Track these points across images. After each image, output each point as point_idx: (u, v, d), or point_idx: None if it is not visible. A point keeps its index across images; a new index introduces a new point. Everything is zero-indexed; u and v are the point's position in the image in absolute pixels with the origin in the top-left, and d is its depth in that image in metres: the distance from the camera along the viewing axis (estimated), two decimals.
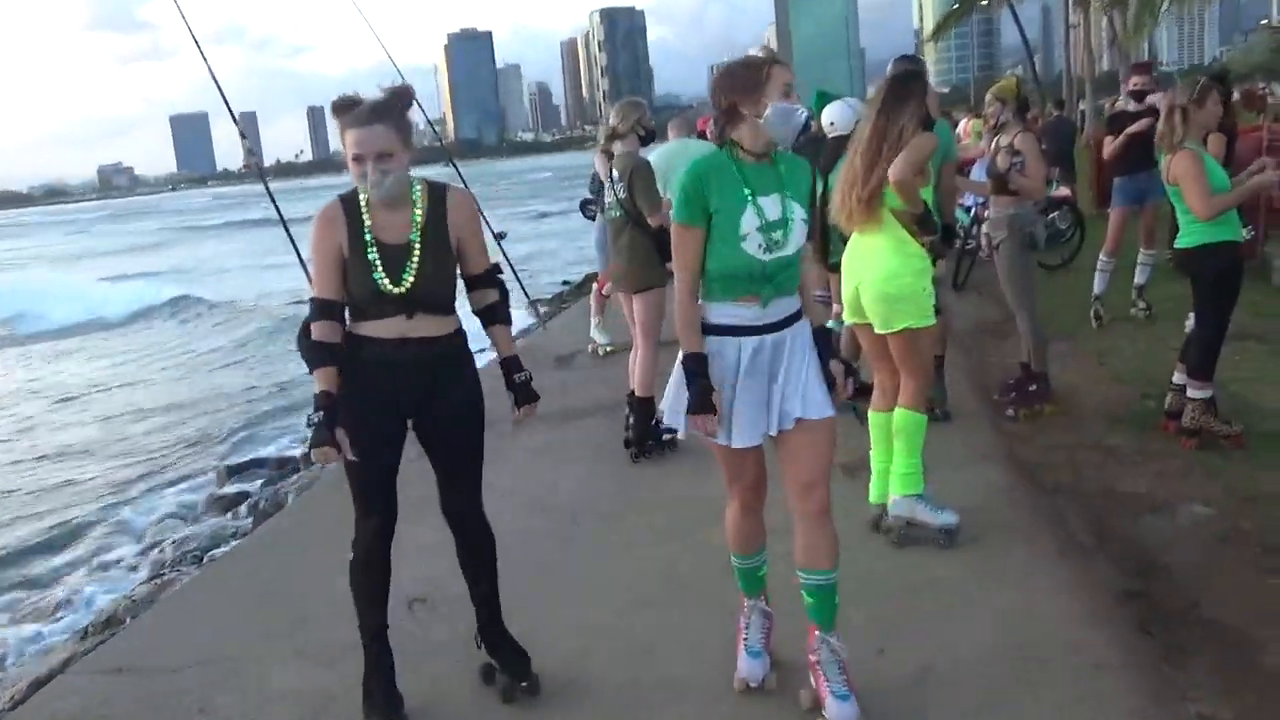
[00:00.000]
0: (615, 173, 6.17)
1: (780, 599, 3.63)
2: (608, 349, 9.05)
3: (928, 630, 3.81)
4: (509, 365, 3.68)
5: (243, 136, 6.66)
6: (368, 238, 3.30)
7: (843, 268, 4.70)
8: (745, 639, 3.56)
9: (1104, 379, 7.10)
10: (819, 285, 7.67)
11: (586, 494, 5.63)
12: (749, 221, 3.15)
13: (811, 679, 3.39)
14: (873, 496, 4.86)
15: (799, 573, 3.34)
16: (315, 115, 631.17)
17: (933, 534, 4.55)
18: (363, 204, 3.33)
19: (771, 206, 3.18)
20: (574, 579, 4.58)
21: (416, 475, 3.70)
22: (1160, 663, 3.59)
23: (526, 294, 10.72)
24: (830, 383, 3.34)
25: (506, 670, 3.69)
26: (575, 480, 5.88)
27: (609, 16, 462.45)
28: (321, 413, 3.26)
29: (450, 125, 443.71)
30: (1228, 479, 5.13)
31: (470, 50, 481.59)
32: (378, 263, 3.30)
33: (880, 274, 4.46)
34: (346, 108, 3.26)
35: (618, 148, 6.21)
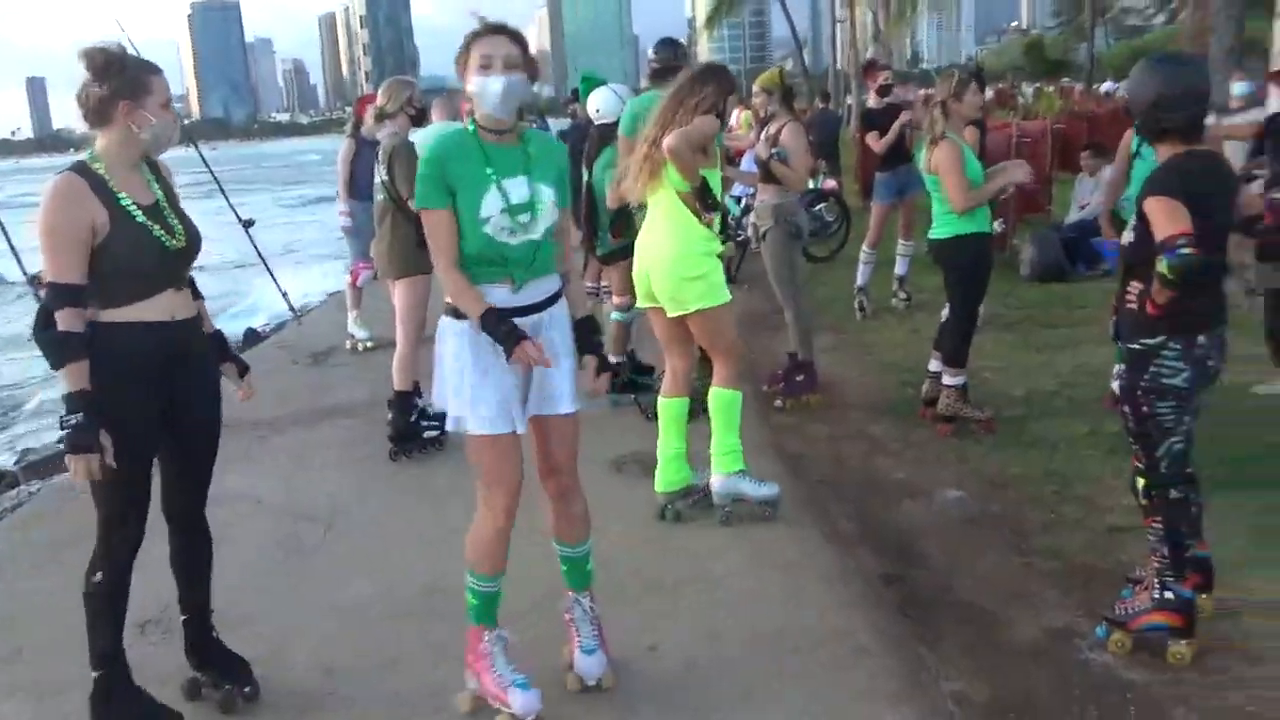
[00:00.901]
0: (383, 154, 6.02)
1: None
2: (368, 344, 8.82)
3: (696, 624, 3.92)
4: (221, 339, 3.65)
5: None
6: (125, 202, 3.17)
7: (635, 254, 4.89)
8: (498, 673, 3.37)
9: (868, 368, 7.50)
10: (589, 278, 7.75)
11: (345, 498, 5.46)
12: (491, 204, 3.15)
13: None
14: (660, 484, 4.98)
15: (554, 543, 3.58)
16: (35, 87, 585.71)
17: (755, 508, 4.83)
18: (102, 170, 3.17)
19: (517, 188, 3.19)
20: (328, 588, 4.43)
21: None
22: (918, 645, 3.81)
23: (279, 285, 10.31)
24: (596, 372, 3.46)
25: (225, 679, 3.56)
26: (333, 484, 5.69)
27: None
28: (80, 414, 3.04)
29: (195, 102, 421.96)
30: (979, 464, 5.51)
31: (215, 22, 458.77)
32: (150, 223, 3.19)
33: (670, 256, 4.67)
34: None
35: (386, 128, 6.05)
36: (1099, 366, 6.60)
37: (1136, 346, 3.48)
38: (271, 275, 10.25)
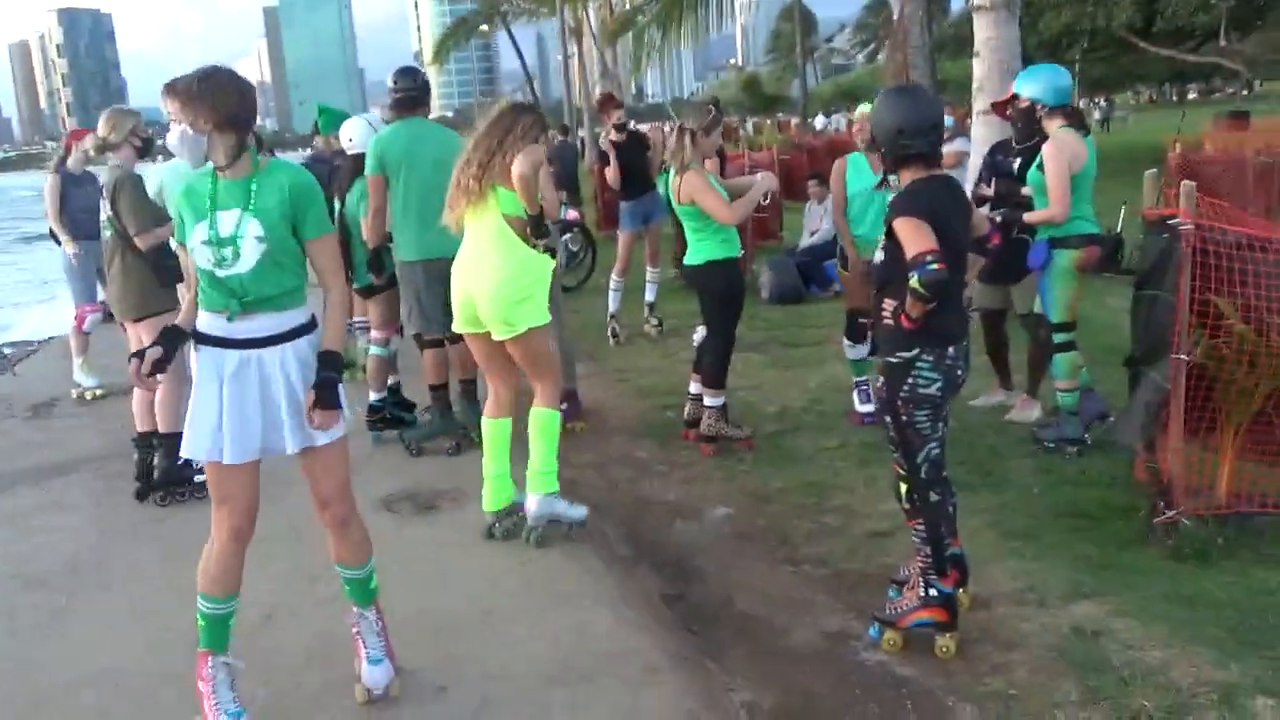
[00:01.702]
0: (106, 189, 5.61)
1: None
2: (97, 392, 8.18)
3: (486, 661, 3.83)
4: None
5: None
6: None
7: (454, 275, 4.88)
8: (217, 701, 3.37)
9: (627, 394, 7.61)
10: (357, 312, 7.50)
11: (88, 558, 5.02)
12: (198, 234, 3.28)
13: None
14: (489, 504, 4.98)
15: (336, 567, 3.65)
16: None
17: (563, 529, 4.89)
18: None
19: (226, 222, 3.27)
20: (76, 658, 4.05)
21: None
22: (705, 659, 3.88)
23: None
24: (317, 406, 3.29)
25: None
26: (68, 544, 5.22)
27: (69, 17, 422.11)
28: None
29: None
30: (742, 480, 5.69)
31: None
32: None
33: (500, 280, 4.68)
34: None
35: (110, 160, 5.65)
36: (841, 383, 6.99)
37: (894, 360, 3.69)
38: None
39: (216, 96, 3.23)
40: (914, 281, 3.45)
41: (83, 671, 3.93)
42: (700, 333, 8.18)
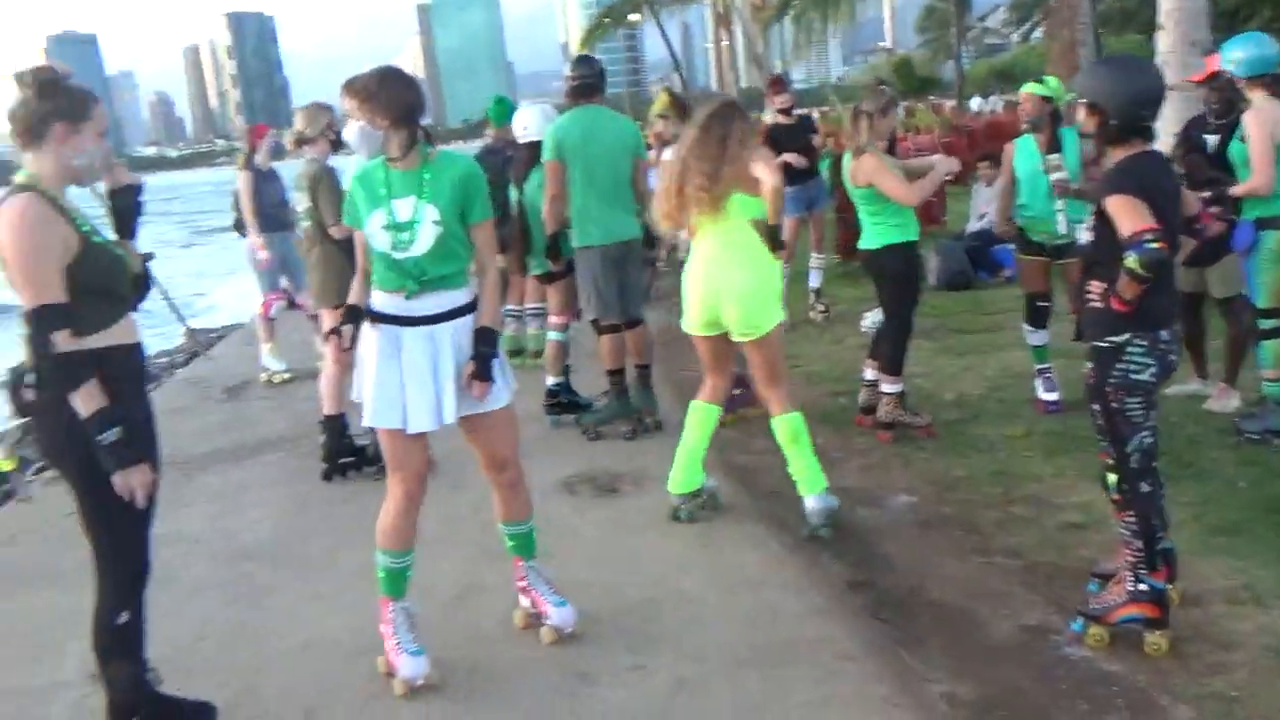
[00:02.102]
0: (303, 180, 5.84)
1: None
2: (284, 375, 8.56)
3: (680, 642, 3.86)
4: None
5: None
6: (83, 224, 3.04)
7: (695, 279, 4.86)
8: (400, 643, 3.69)
9: (796, 380, 7.52)
10: (512, 300, 7.64)
11: (286, 534, 5.26)
12: (376, 221, 3.55)
13: (524, 600, 4.01)
14: (678, 487, 5.02)
15: (502, 526, 3.97)
16: None
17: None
18: (50, 191, 3.02)
19: (404, 209, 3.54)
20: (288, 627, 4.24)
21: None
22: (898, 648, 3.82)
23: (182, 319, 9.95)
24: (475, 378, 3.58)
25: None
26: (271, 520, 5.48)
27: (237, 21, 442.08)
28: (115, 429, 2.90)
29: None
30: (923, 468, 5.58)
31: (73, 55, 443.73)
32: (113, 245, 3.14)
33: (751, 285, 4.74)
34: None
35: (305, 154, 5.87)
36: (1022, 369, 6.77)
37: (1103, 344, 3.55)
38: (175, 310, 9.86)
39: (392, 95, 3.52)
40: (1131, 261, 3.31)
41: (294, 640, 4.12)
42: (870, 318, 8.09)
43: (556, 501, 5.38)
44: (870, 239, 5.94)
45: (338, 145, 6.04)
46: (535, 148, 6.59)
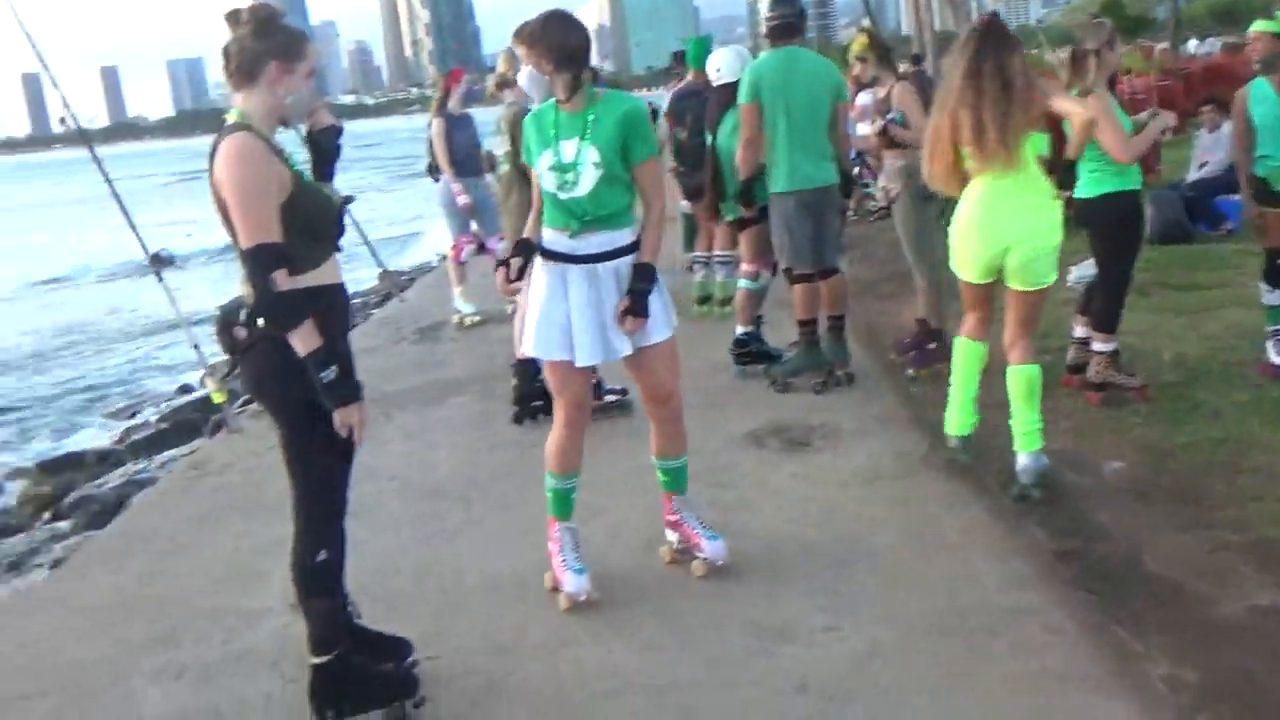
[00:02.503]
0: (503, 124, 5.86)
1: None
2: (475, 318, 8.72)
3: (872, 602, 3.73)
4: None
5: (66, 105, 6.02)
6: (296, 163, 3.07)
7: (977, 225, 4.54)
8: (564, 560, 3.89)
9: (997, 334, 7.17)
10: (701, 246, 7.51)
11: (478, 474, 5.34)
12: (544, 161, 3.71)
13: (671, 536, 4.12)
14: (955, 428, 4.83)
15: (656, 460, 4.07)
16: (109, 76, 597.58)
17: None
18: (261, 130, 3.04)
19: (568, 150, 3.68)
20: (480, 565, 4.31)
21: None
22: (1113, 625, 3.58)
23: (380, 261, 10.23)
24: (629, 314, 3.72)
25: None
26: (463, 460, 5.58)
27: None
28: (334, 368, 2.95)
29: None
30: (1138, 433, 5.22)
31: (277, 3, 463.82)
32: (320, 184, 3.14)
33: (1045, 229, 4.47)
34: None
35: (505, 97, 5.89)
36: (1248, 329, 6.27)
37: None
38: (374, 253, 10.14)
39: (554, 39, 3.66)
40: None
41: (484, 578, 4.17)
42: (1077, 271, 7.63)
43: (744, 453, 5.29)
44: (1088, 186, 5.55)
45: None
46: (728, 91, 6.44)
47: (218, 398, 6.29)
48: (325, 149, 3.25)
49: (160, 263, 5.40)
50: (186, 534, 4.90)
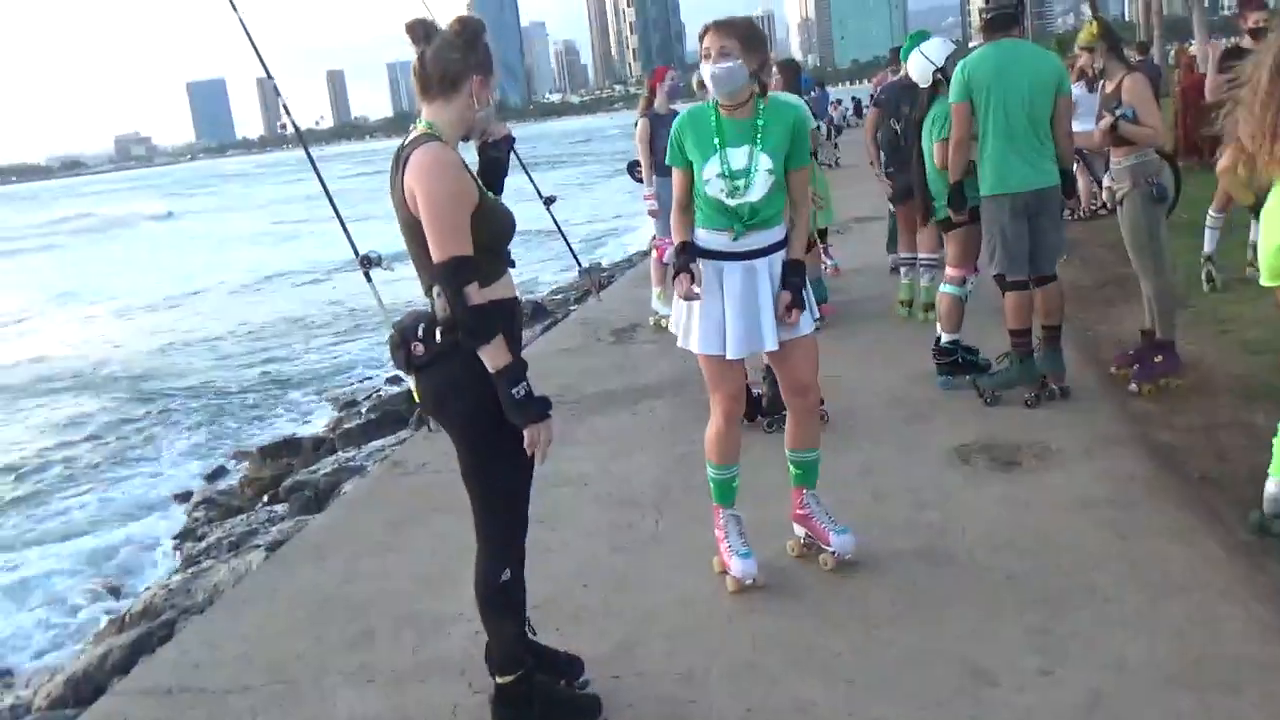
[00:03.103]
0: None
1: None
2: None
3: (1093, 646, 3.41)
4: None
5: (286, 110, 6.26)
6: (480, 182, 3.04)
7: (1266, 224, 4.02)
8: (729, 544, 4.05)
9: (1230, 348, 6.62)
10: (903, 248, 7.18)
11: (671, 484, 5.21)
12: (711, 169, 3.75)
13: (799, 530, 4.23)
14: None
15: (790, 453, 4.17)
16: (335, 80, 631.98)
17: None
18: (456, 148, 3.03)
19: (738, 157, 3.75)
20: (669, 581, 4.19)
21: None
22: None
23: (578, 260, 10.30)
24: (791, 307, 3.84)
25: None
26: (655, 468, 5.47)
27: None
28: (525, 383, 2.92)
29: None
30: None
31: (493, 7, 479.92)
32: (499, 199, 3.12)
33: None
34: None
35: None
36: None
37: None
38: (573, 252, 10.21)
39: (757, 42, 3.78)
40: None
41: (675, 594, 4.06)
42: None
43: (949, 471, 5.00)
44: None
45: (761, 90, 5.82)
46: (925, 92, 6.15)
47: (418, 396, 6.39)
48: (498, 160, 3.20)
49: (369, 263, 5.52)
50: (385, 533, 4.98)
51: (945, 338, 6.27)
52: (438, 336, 2.94)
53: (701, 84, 5.92)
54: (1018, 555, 4.08)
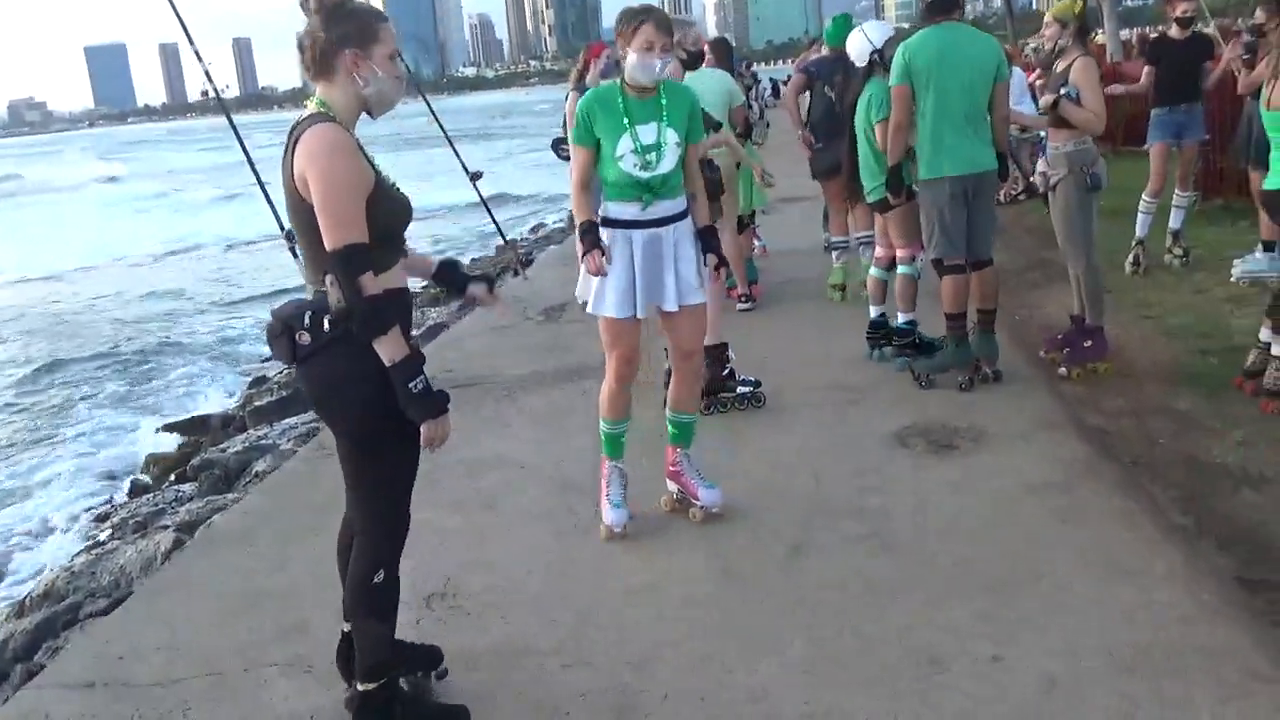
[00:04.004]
0: None
1: None
2: None
3: (1044, 632, 3.41)
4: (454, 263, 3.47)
5: (208, 77, 5.97)
6: (376, 161, 2.87)
7: None
8: (609, 494, 4.34)
9: (1153, 333, 6.73)
10: (862, 227, 7.18)
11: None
12: (625, 145, 4.00)
13: (672, 486, 4.51)
14: None
15: (669, 414, 4.46)
16: (242, 47, 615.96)
17: None
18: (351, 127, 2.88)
19: (647, 133, 4.02)
20: (614, 569, 4.11)
21: None
22: None
23: (503, 235, 10.13)
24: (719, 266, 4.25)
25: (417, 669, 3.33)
26: (593, 451, 5.28)
27: None
28: (423, 378, 2.78)
29: None
30: None
31: None
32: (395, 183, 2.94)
33: None
34: None
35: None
36: None
37: None
38: (498, 227, 10.04)
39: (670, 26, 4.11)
40: None
41: (624, 583, 3.97)
42: (1241, 266, 7.07)
43: (891, 453, 4.99)
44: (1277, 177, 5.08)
45: (693, 64, 5.69)
46: (869, 67, 6.13)
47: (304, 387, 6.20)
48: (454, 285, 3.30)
49: (293, 238, 5.30)
50: (313, 517, 4.78)
51: (903, 318, 6.24)
52: (327, 326, 2.78)
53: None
54: (964, 540, 4.08)
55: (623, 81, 4.08)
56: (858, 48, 6.29)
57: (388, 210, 2.82)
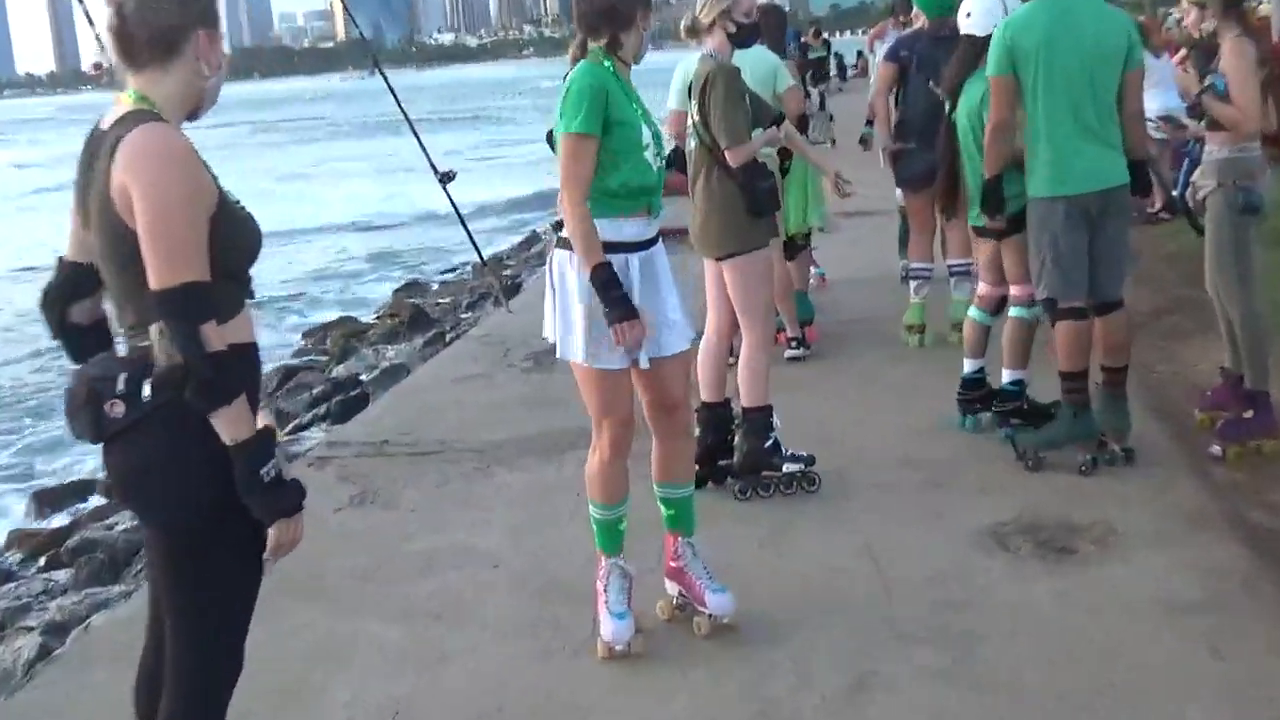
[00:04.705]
0: (693, 86, 5.64)
1: None
2: None
3: None
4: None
5: (100, 45, 6.04)
6: (215, 175, 2.82)
7: None
8: (607, 601, 4.30)
9: None
10: (957, 254, 7.18)
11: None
12: (647, 133, 4.12)
13: (671, 588, 4.53)
14: None
15: (658, 488, 4.47)
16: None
17: None
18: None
19: (650, 121, 4.21)
20: (623, 705, 4.08)
21: None
22: None
23: (481, 256, 10.17)
24: None
25: None
26: (588, 542, 5.25)
27: None
28: (275, 462, 2.71)
29: (338, 24, 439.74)
30: None
31: None
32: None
33: None
34: None
35: (702, 47, 5.63)
36: None
37: None
38: (475, 245, 10.08)
39: None
40: None
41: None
42: None
43: (981, 559, 4.96)
44: None
45: (744, 38, 5.66)
46: (973, 42, 6.14)
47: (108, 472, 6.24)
48: None
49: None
50: None
51: (1008, 376, 6.21)
52: (148, 392, 2.70)
53: (690, 30, 5.79)
54: (1078, 677, 4.05)
55: (615, 59, 4.18)
56: (986, 13, 6.22)
57: (233, 237, 2.78)
